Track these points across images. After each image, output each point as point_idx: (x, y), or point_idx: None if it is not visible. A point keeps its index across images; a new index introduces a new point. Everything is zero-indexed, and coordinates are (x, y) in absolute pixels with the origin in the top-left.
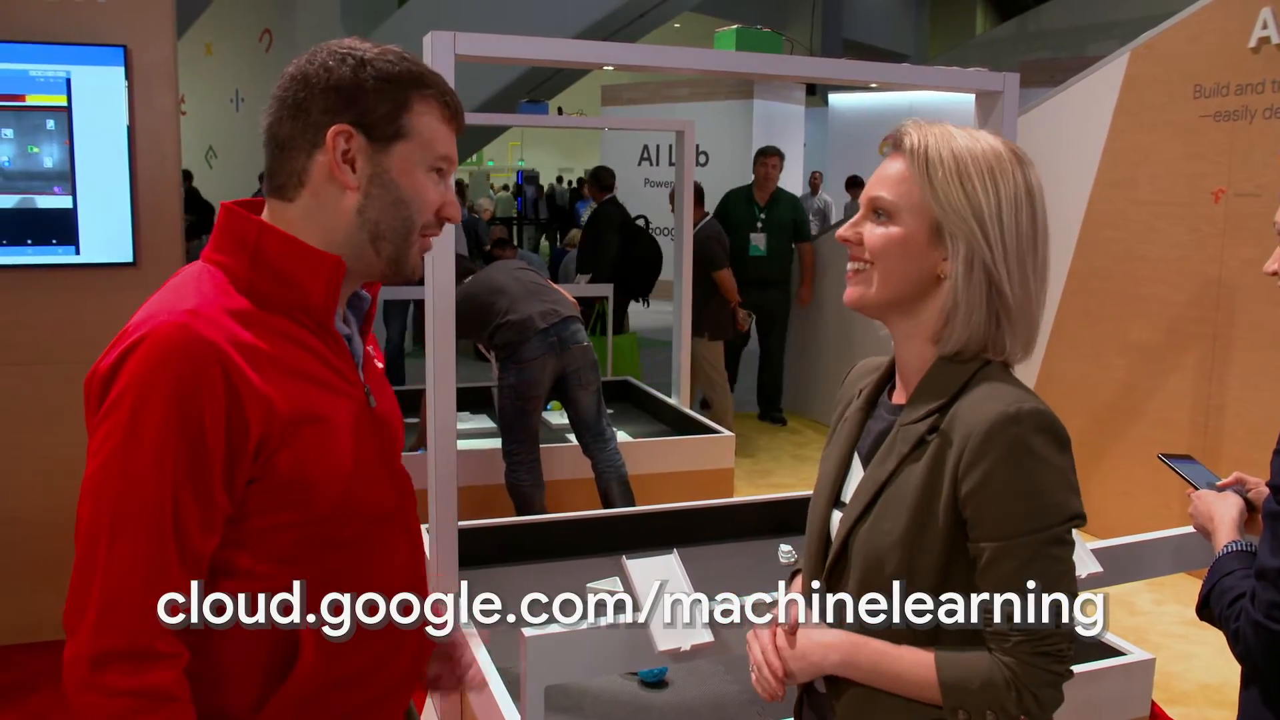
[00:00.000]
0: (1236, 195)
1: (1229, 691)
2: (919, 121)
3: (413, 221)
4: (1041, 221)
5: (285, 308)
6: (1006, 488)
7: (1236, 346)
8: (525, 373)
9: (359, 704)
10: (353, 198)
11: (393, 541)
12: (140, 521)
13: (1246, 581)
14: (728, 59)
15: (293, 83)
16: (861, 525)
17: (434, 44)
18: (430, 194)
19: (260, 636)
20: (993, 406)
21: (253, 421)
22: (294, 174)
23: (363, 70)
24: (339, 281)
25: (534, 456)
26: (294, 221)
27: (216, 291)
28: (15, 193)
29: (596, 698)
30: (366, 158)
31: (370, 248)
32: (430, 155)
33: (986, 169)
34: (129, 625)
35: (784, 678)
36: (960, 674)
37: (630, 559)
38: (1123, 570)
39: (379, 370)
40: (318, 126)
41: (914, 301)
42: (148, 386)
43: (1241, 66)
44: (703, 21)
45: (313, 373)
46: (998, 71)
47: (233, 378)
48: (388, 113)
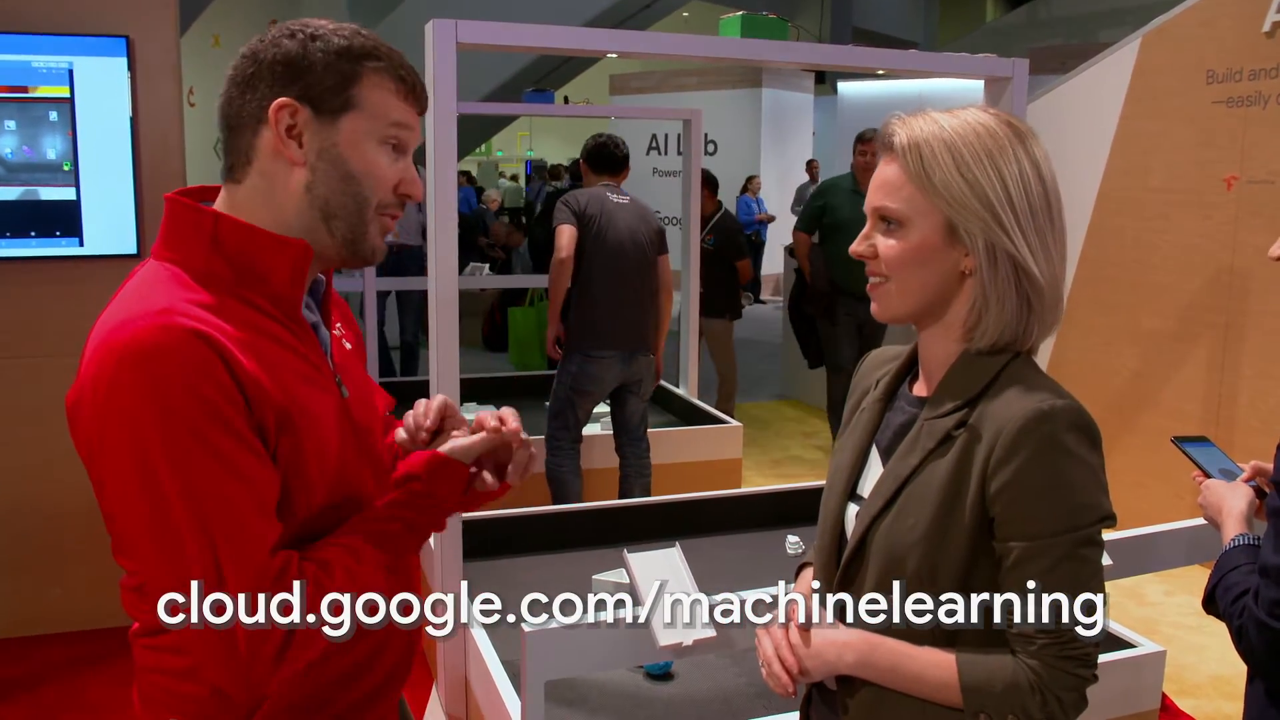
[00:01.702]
0: (1249, 182)
1: (1240, 683)
2: (903, 116)
3: (365, 199)
4: (1052, 189)
5: (249, 300)
6: (1038, 486)
7: (1249, 334)
8: (590, 366)
9: (357, 699)
10: (300, 174)
11: None
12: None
13: (1250, 578)
14: (736, 46)
15: (244, 60)
16: (881, 521)
17: (436, 32)
18: (383, 168)
19: None
20: (1025, 403)
21: (255, 407)
22: (242, 152)
23: (311, 44)
24: (305, 268)
25: (575, 445)
26: (243, 203)
27: (181, 288)
28: (19, 184)
29: (602, 690)
30: (313, 132)
31: (323, 228)
32: (381, 125)
33: (984, 152)
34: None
35: (798, 675)
36: (982, 676)
37: (631, 552)
38: (1135, 562)
39: (349, 352)
40: (263, 102)
41: (942, 303)
42: (151, 393)
43: (1255, 52)
44: (712, 11)
45: (289, 365)
46: (1008, 58)
47: (229, 363)
48: (335, 84)
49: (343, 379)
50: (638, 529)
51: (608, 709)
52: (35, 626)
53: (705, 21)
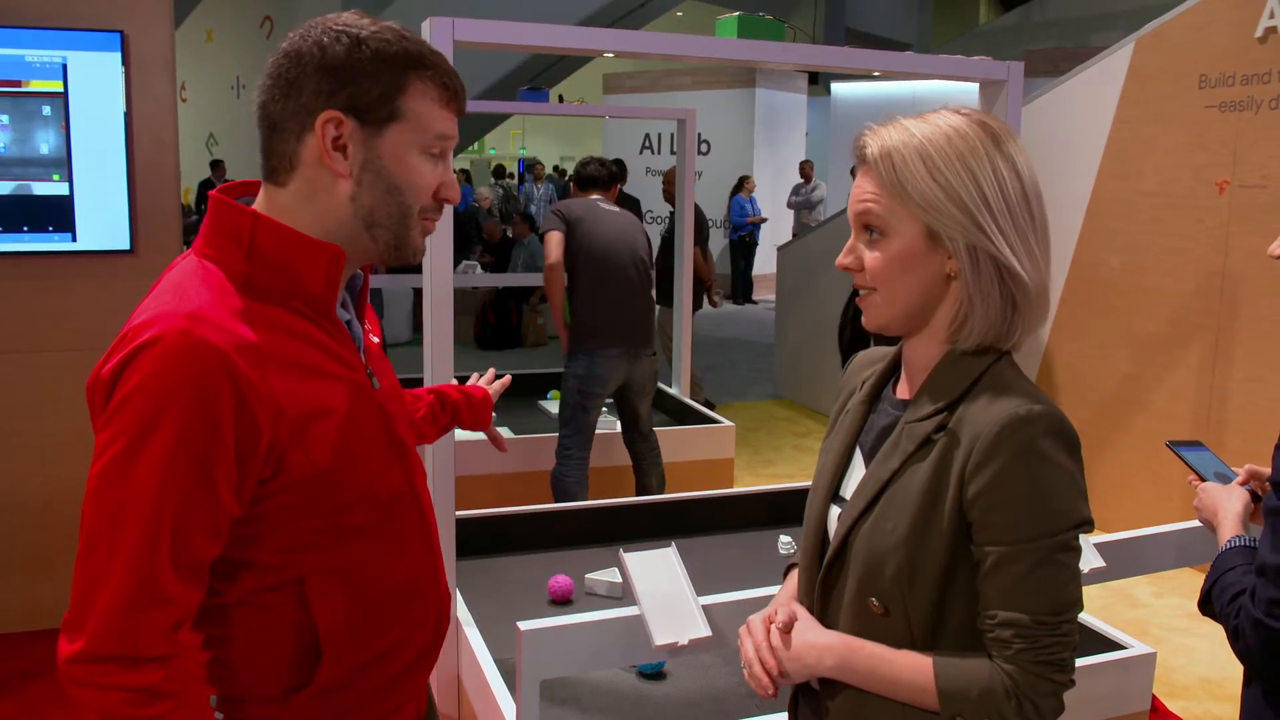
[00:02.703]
0: (1241, 186)
1: (1230, 685)
2: (874, 127)
3: (408, 207)
4: (1030, 186)
5: (284, 300)
6: (1015, 491)
7: (1240, 338)
8: (596, 367)
9: (392, 676)
10: (345, 185)
11: (406, 522)
12: (139, 531)
13: (1248, 578)
14: (728, 46)
15: (286, 59)
16: (862, 524)
17: (433, 30)
18: (425, 177)
19: (282, 628)
20: (1003, 407)
21: (263, 426)
22: (285, 156)
23: (358, 50)
24: (339, 272)
25: (585, 454)
26: (287, 207)
27: (216, 290)
28: (12, 179)
29: (595, 689)
30: (358, 143)
31: (366, 235)
32: (425, 136)
33: (955, 155)
34: (120, 632)
35: (778, 677)
36: (959, 681)
37: (628, 552)
38: (1125, 565)
39: (376, 347)
40: (309, 109)
41: (930, 307)
42: (153, 394)
43: (1247, 57)
44: (706, 10)
45: (316, 364)
46: (1002, 61)
47: (240, 384)
48: (381, 95)
49: (374, 371)
50: (629, 528)
51: (600, 708)
52: (25, 623)
53: (699, 21)
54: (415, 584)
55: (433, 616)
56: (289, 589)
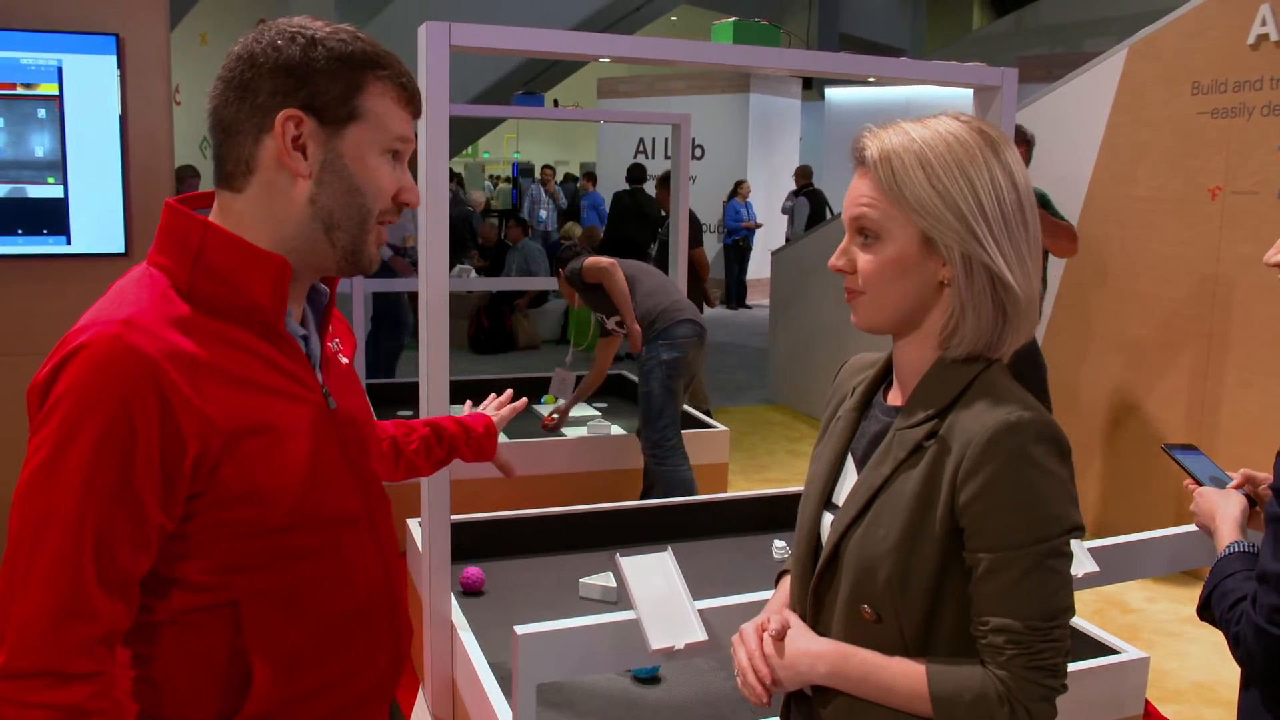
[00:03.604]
0: (1234, 193)
1: (1223, 690)
2: (874, 129)
3: (368, 209)
4: (1025, 195)
5: (231, 312)
6: (1006, 497)
7: (1232, 344)
8: (678, 350)
9: (334, 710)
10: (304, 186)
11: (358, 548)
12: (60, 541)
13: (1248, 584)
14: (722, 51)
15: (239, 62)
16: (854, 531)
17: (429, 35)
18: (385, 179)
19: (214, 651)
20: (994, 414)
21: (188, 437)
22: (241, 160)
23: (313, 49)
24: (286, 283)
25: (681, 440)
26: (243, 214)
27: (157, 298)
28: (6, 182)
29: (590, 694)
30: (319, 143)
31: (324, 239)
32: (385, 137)
33: (955, 163)
34: (42, 646)
35: (771, 685)
36: (952, 687)
37: (624, 556)
38: (1119, 570)
39: (344, 366)
40: (265, 110)
41: (921, 313)
42: (77, 401)
43: (1240, 63)
44: (700, 15)
45: (260, 380)
46: (996, 67)
47: (166, 393)
48: (340, 94)
49: (332, 391)
50: (623, 532)
51: (595, 713)
52: None
53: (693, 26)
54: (366, 615)
55: (386, 652)
56: (223, 611)
